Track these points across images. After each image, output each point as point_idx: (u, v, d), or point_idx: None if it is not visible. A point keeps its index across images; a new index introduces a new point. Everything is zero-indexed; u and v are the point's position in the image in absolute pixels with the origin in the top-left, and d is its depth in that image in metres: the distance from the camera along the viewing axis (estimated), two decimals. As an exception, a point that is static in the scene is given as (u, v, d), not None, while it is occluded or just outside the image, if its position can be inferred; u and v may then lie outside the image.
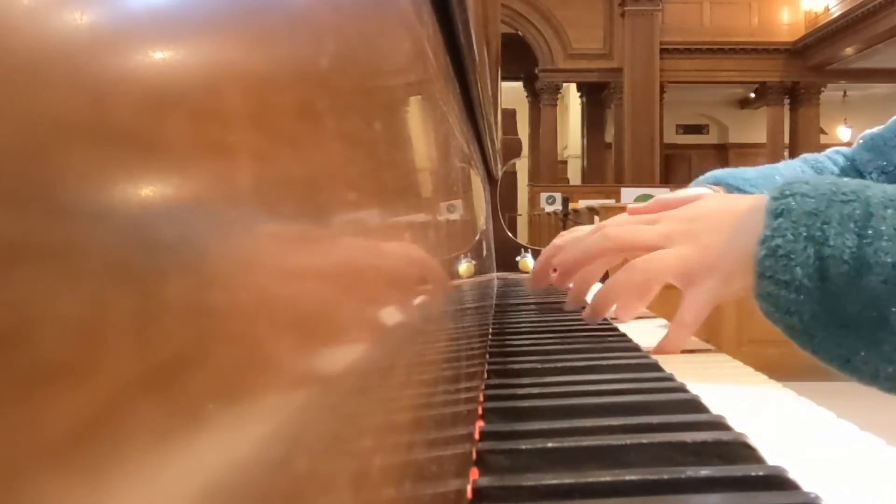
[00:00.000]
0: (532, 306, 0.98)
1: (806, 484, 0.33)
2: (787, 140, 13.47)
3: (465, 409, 0.37)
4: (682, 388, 0.48)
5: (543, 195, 9.97)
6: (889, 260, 0.52)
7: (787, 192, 0.58)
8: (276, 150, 0.14)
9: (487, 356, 0.61)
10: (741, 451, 0.37)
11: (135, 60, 0.09)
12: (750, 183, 0.95)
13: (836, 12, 11.78)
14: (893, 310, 0.52)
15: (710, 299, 0.63)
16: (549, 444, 0.38)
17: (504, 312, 0.90)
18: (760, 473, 0.34)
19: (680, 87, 13.28)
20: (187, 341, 0.09)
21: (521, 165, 13.53)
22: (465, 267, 0.51)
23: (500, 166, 1.51)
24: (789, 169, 1.04)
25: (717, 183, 0.96)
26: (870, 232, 0.53)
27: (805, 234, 0.55)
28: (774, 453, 0.37)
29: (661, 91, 12.67)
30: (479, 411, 0.44)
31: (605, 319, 0.79)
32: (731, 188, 0.94)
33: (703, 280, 0.63)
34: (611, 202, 6.76)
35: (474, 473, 0.35)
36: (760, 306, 0.58)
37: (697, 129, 16.31)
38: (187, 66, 0.10)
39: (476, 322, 0.56)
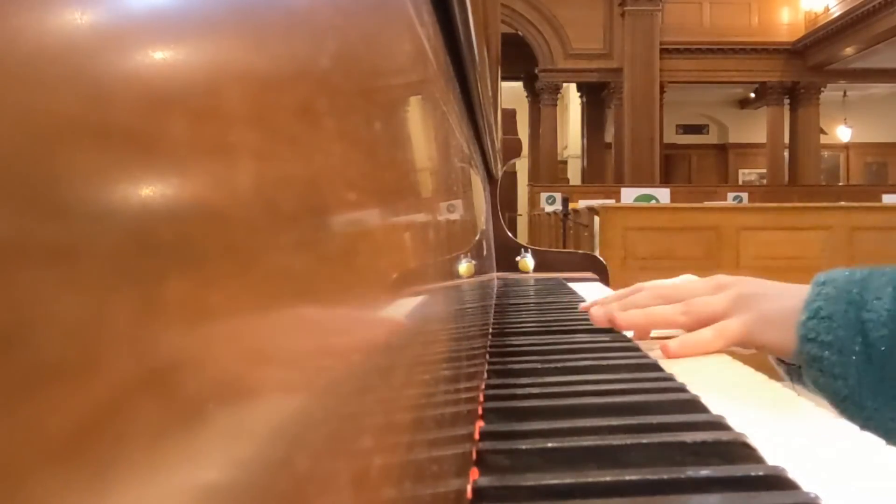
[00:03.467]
0: (532, 306, 0.98)
1: (806, 484, 0.33)
2: (786, 140, 13.48)
3: (465, 409, 0.37)
4: (682, 388, 0.48)
5: (543, 195, 9.98)
6: None
7: (834, 271, 0.60)
8: (276, 150, 0.14)
9: (487, 356, 0.61)
10: (741, 451, 0.37)
11: (135, 60, 0.09)
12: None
13: (836, 12, 11.78)
14: None
15: (740, 328, 0.63)
16: (549, 444, 0.38)
17: (504, 312, 0.90)
18: (760, 473, 0.34)
19: (680, 87, 13.28)
20: (187, 341, 0.09)
21: (521, 165, 13.54)
22: (465, 267, 0.51)
23: (500, 166, 1.51)
24: None
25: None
26: None
27: (846, 298, 0.56)
28: (774, 453, 0.37)
29: (661, 91, 12.67)
30: (479, 411, 0.44)
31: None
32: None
33: (744, 313, 0.63)
34: (611, 202, 6.75)
35: (474, 473, 0.35)
36: (807, 374, 0.58)
37: (697, 129, 16.31)
38: (187, 66, 0.10)
39: (476, 322, 0.56)
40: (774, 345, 0.62)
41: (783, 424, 0.44)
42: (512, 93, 13.20)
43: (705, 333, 0.64)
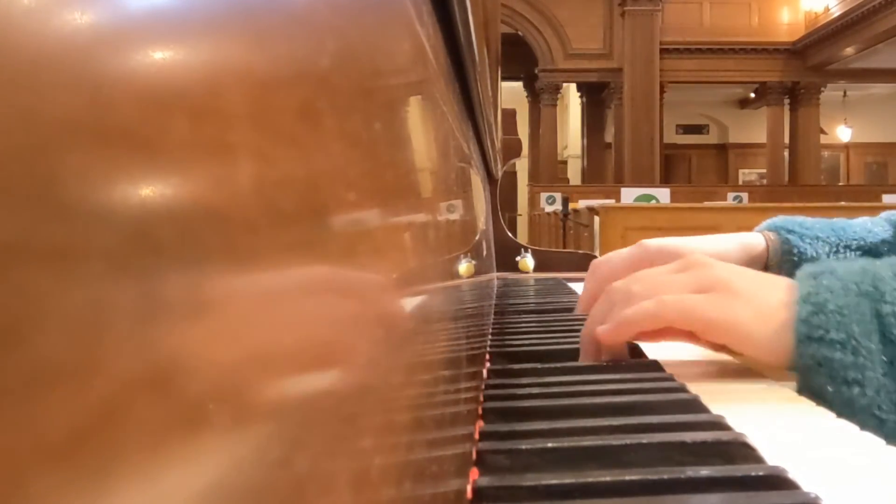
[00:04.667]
0: (532, 306, 0.98)
1: (806, 484, 0.33)
2: (787, 140, 13.48)
3: (465, 409, 0.37)
4: (682, 388, 0.48)
5: (543, 195, 9.98)
6: None
7: (824, 263, 0.51)
8: (276, 150, 0.14)
9: (487, 356, 0.61)
10: (741, 450, 0.37)
11: (135, 60, 0.09)
12: (803, 226, 0.80)
13: (836, 12, 11.78)
14: None
15: (703, 308, 0.51)
16: (549, 444, 0.38)
17: (504, 313, 0.90)
18: (760, 473, 0.34)
19: (680, 87, 13.28)
20: (187, 341, 0.09)
21: (521, 165, 13.54)
22: (465, 267, 0.51)
23: (500, 166, 1.51)
24: (861, 223, 0.83)
25: (770, 229, 0.82)
26: None
27: (856, 290, 0.48)
28: (774, 453, 0.37)
29: (661, 91, 12.67)
30: (479, 411, 0.44)
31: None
32: (784, 232, 0.79)
33: (715, 294, 0.52)
34: (611, 202, 6.76)
35: (474, 473, 0.35)
36: (808, 383, 0.48)
37: (697, 129, 16.31)
38: (187, 66, 0.10)
39: (476, 322, 0.56)
40: (759, 342, 0.50)
41: (783, 423, 0.44)
42: (512, 93, 13.20)
43: (645, 304, 0.52)
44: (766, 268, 0.81)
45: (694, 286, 0.53)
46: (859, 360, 0.46)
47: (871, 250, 0.80)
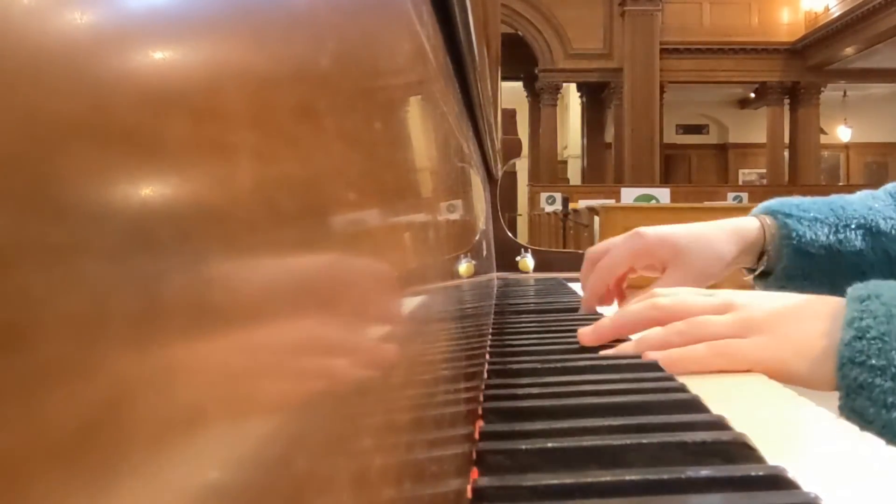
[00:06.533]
0: (532, 306, 0.98)
1: (806, 484, 0.33)
2: (787, 140, 13.48)
3: (465, 409, 0.37)
4: (682, 388, 0.48)
5: (543, 195, 9.99)
6: None
7: (872, 284, 0.53)
8: (277, 150, 0.14)
9: (487, 356, 0.61)
10: (741, 451, 0.37)
11: (135, 60, 0.09)
12: (801, 208, 0.82)
13: (836, 12, 11.79)
14: None
15: (752, 351, 0.54)
16: (549, 444, 0.38)
17: (504, 313, 0.90)
18: (760, 473, 0.34)
19: (680, 87, 13.28)
20: (187, 341, 0.09)
21: (521, 165, 13.54)
22: (465, 267, 0.51)
23: (500, 166, 1.51)
24: (861, 199, 0.85)
25: (767, 213, 0.83)
26: None
27: None
28: (774, 453, 0.37)
29: (661, 91, 12.67)
30: (479, 411, 0.44)
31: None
32: (781, 216, 0.81)
33: (758, 335, 0.55)
34: (611, 202, 6.76)
35: (474, 473, 0.35)
36: (851, 405, 0.49)
37: (697, 129, 16.31)
38: (187, 66, 0.10)
39: (476, 322, 0.56)
40: (800, 374, 0.53)
41: (783, 423, 0.44)
42: (512, 93, 13.20)
43: (698, 349, 0.55)
44: (762, 252, 0.81)
45: (737, 328, 0.56)
46: None
47: (873, 228, 0.80)
